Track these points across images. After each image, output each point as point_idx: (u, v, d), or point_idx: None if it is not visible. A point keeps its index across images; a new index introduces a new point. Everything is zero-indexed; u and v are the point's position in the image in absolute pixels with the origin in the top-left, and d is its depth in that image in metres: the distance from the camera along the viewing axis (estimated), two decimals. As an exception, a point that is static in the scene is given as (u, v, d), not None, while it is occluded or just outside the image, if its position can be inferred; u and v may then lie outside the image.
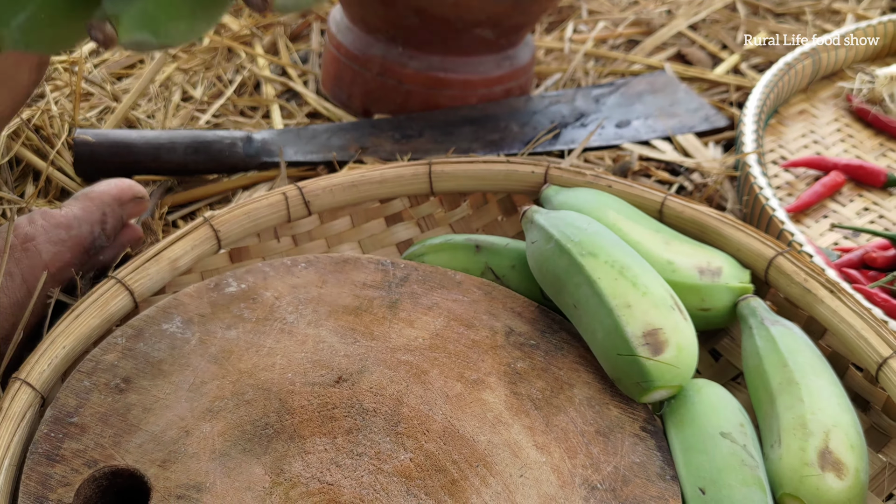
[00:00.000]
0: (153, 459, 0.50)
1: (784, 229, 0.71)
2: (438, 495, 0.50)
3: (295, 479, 0.50)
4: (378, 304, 0.62)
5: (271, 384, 0.55)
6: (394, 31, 0.89)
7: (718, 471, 0.51)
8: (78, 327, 0.58)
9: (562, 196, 0.69)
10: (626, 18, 1.18)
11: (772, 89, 0.91)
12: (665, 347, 0.54)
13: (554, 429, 0.55)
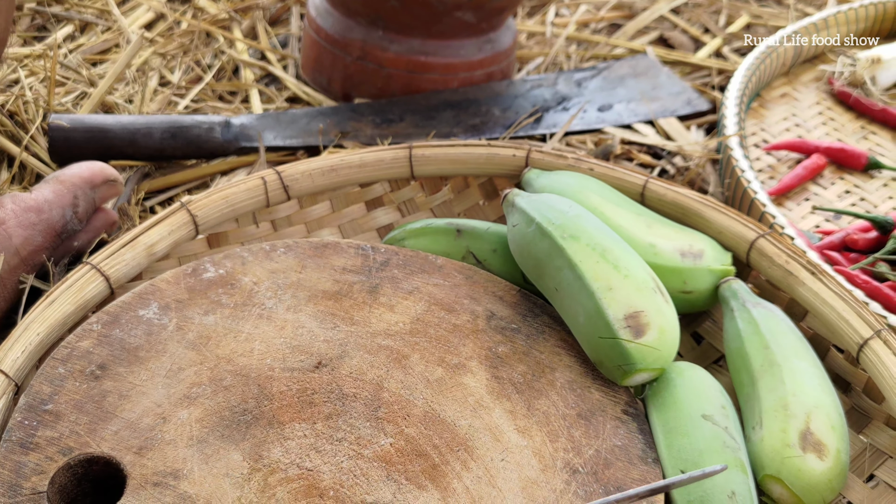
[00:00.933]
0: (129, 446, 0.50)
1: (766, 212, 0.70)
2: (419, 480, 0.50)
3: (274, 465, 0.50)
4: (358, 289, 0.61)
5: (250, 370, 0.55)
6: (374, 14, 0.88)
7: (700, 453, 0.51)
8: (52, 314, 0.57)
9: (543, 179, 0.68)
10: (607, 2, 1.17)
11: (753, 72, 0.91)
12: (647, 330, 0.54)
13: (535, 412, 0.54)
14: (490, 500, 0.49)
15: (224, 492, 0.48)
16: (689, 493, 0.50)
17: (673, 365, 0.57)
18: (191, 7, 1.10)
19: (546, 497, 0.50)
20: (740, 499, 0.50)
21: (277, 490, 0.48)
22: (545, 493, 0.50)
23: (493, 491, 0.50)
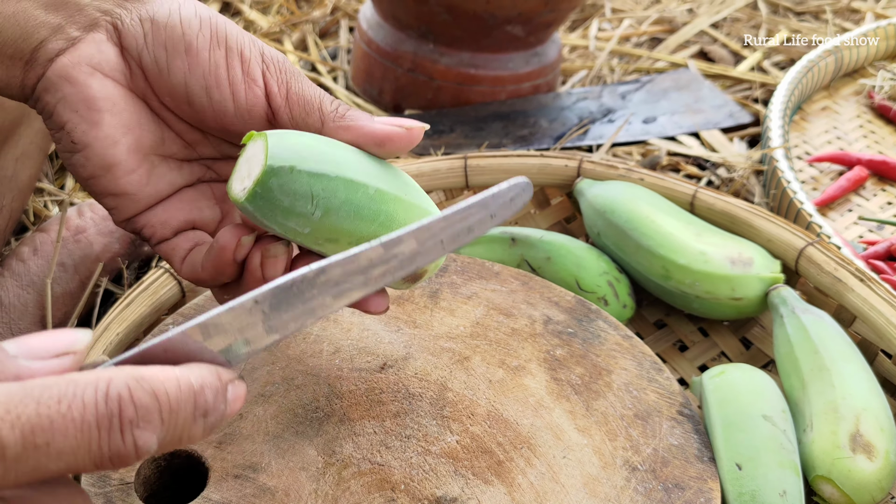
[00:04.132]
0: (209, 441, 0.52)
1: (812, 221, 0.72)
2: (485, 475, 0.52)
3: (347, 460, 0.52)
4: (419, 294, 0.64)
5: (319, 370, 0.57)
6: (425, 27, 0.91)
7: (757, 450, 0.53)
8: (130, 315, 0.60)
9: (595, 189, 0.71)
10: (648, 17, 1.20)
11: (796, 86, 0.93)
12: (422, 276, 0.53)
13: (594, 413, 0.56)
14: (554, 495, 0.51)
15: (301, 484, 0.50)
16: (742, 488, 0.52)
17: (738, 366, 0.59)
18: (242, 20, 1.14)
19: (607, 493, 0.52)
20: (791, 498, 0.52)
21: (351, 483, 0.51)
22: (606, 489, 0.52)
23: (556, 486, 0.52)
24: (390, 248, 0.42)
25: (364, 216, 0.46)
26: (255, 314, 0.38)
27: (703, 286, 0.65)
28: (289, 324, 0.39)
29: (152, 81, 0.48)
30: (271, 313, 0.39)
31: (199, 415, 0.34)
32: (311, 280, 0.40)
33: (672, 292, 0.67)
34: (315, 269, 0.40)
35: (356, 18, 1.10)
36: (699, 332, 0.70)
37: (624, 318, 0.68)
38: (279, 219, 0.45)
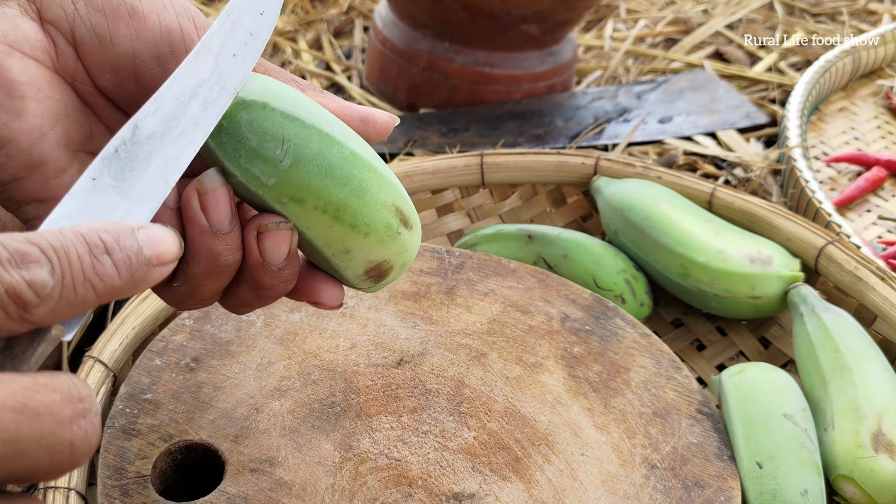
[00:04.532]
0: (226, 435, 0.52)
1: (831, 221, 0.72)
2: (503, 472, 0.52)
3: (364, 455, 0.52)
4: (435, 290, 0.63)
5: (336, 365, 0.57)
6: (441, 26, 0.91)
7: (778, 448, 0.53)
8: (146, 309, 0.60)
9: (612, 187, 0.70)
10: (664, 17, 1.19)
11: (813, 86, 0.92)
12: (389, 272, 0.46)
13: (612, 410, 0.56)
14: (572, 492, 0.51)
15: (318, 479, 0.50)
16: (762, 486, 0.52)
17: (758, 364, 0.58)
18: (257, 20, 1.13)
19: (626, 490, 0.51)
20: (812, 497, 0.52)
21: (368, 478, 0.50)
22: (625, 486, 0.52)
23: (574, 483, 0.51)
24: (180, 80, 0.39)
25: (336, 177, 0.41)
26: (104, 192, 0.35)
27: (721, 284, 0.64)
28: (151, 188, 0.36)
29: (88, 58, 0.40)
30: (119, 184, 0.36)
31: (98, 252, 0.31)
32: (131, 137, 0.37)
33: (690, 291, 0.66)
34: (127, 126, 0.37)
35: (371, 17, 1.10)
36: (717, 332, 0.69)
37: (641, 316, 0.67)
38: (243, 162, 0.39)
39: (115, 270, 0.32)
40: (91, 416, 0.30)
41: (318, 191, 0.41)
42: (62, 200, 0.35)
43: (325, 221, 0.41)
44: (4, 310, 0.29)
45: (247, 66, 0.40)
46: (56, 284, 0.30)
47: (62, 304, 0.30)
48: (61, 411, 0.29)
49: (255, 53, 0.40)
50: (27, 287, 0.29)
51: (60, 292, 0.30)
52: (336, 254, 0.43)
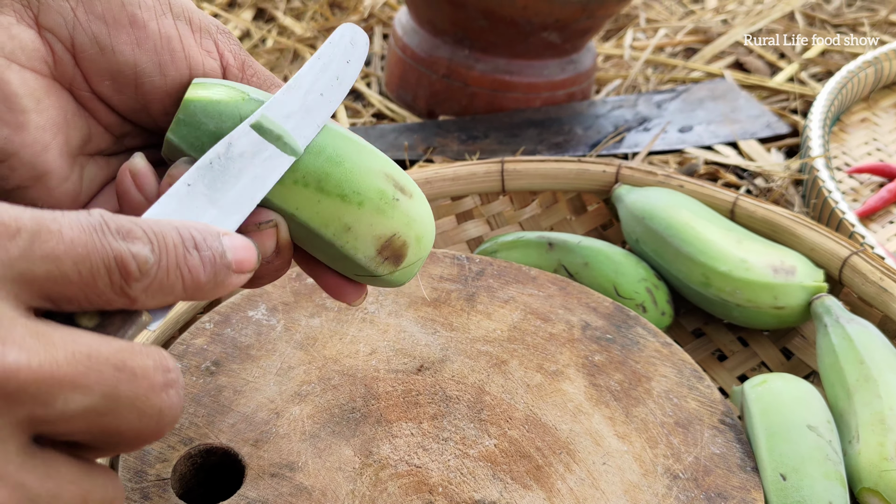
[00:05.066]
0: (246, 439, 0.52)
1: (855, 232, 0.71)
2: (524, 480, 0.51)
3: (384, 461, 0.51)
4: (456, 297, 0.63)
5: (356, 370, 0.57)
6: (461, 33, 0.90)
7: (802, 460, 0.52)
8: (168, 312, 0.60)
9: (634, 195, 0.70)
10: (683, 27, 1.19)
11: (835, 96, 0.92)
12: (405, 251, 0.43)
13: (634, 420, 0.55)
14: (594, 502, 0.50)
15: (338, 484, 0.50)
16: (786, 499, 0.51)
17: (781, 375, 0.58)
18: (276, 25, 1.14)
19: (649, 501, 0.51)
20: (836, 511, 0.51)
21: (389, 485, 0.50)
22: (647, 496, 0.51)
23: (596, 493, 0.51)
24: (271, 109, 0.40)
25: (307, 146, 0.40)
26: (196, 198, 0.37)
27: (744, 294, 0.64)
28: (239, 201, 0.38)
29: (87, 65, 0.40)
30: (211, 193, 0.38)
31: (189, 245, 0.33)
32: (225, 153, 0.39)
33: (712, 300, 0.66)
34: (222, 142, 0.39)
35: (390, 25, 1.10)
36: (738, 342, 0.69)
37: (662, 325, 0.67)
38: (206, 148, 0.39)
39: (201, 266, 0.33)
40: (178, 388, 0.31)
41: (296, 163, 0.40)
42: (160, 200, 0.36)
43: (311, 196, 0.40)
44: (110, 277, 0.30)
45: (332, 104, 0.42)
46: (154, 264, 0.31)
47: (155, 286, 0.32)
48: (154, 377, 0.30)
49: (341, 95, 0.43)
50: (132, 258, 0.31)
51: (156, 274, 0.31)
52: (337, 233, 0.41)
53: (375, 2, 1.16)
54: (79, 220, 0.30)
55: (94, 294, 0.31)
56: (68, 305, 0.31)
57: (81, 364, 0.29)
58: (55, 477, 0.30)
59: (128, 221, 0.31)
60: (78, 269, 0.30)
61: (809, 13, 1.24)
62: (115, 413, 0.30)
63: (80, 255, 0.30)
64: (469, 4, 0.86)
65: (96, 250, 0.30)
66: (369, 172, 0.41)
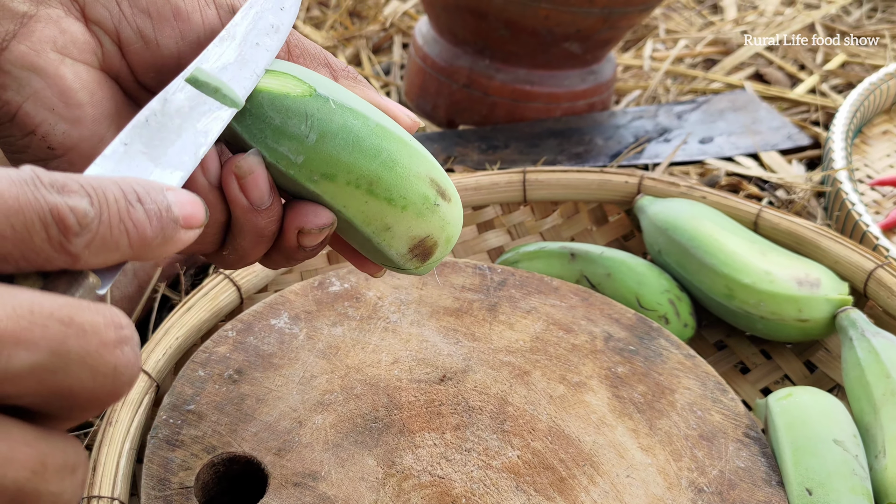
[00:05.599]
0: (269, 448, 0.52)
1: (879, 244, 0.71)
2: (547, 492, 0.51)
3: (407, 472, 0.51)
4: (478, 307, 0.63)
5: (378, 380, 0.57)
6: (482, 43, 0.90)
7: (829, 475, 0.52)
8: (189, 320, 0.60)
9: (656, 206, 0.70)
10: (703, 38, 1.19)
11: (858, 108, 0.91)
12: (434, 250, 0.45)
13: (658, 432, 0.55)
14: (618, 514, 0.50)
15: (361, 494, 0.50)
16: (813, 517, 0.51)
17: (807, 389, 0.57)
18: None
19: (673, 514, 0.50)
20: (862, 526, 0.51)
21: (412, 495, 0.50)
22: (672, 509, 0.51)
23: (620, 505, 0.51)
24: (206, 61, 0.40)
25: (364, 149, 0.41)
26: (135, 157, 0.36)
27: (768, 306, 0.63)
28: (181, 157, 0.37)
29: (133, 58, 0.41)
30: (150, 151, 0.36)
31: (132, 199, 0.31)
32: (161, 109, 0.37)
33: (735, 312, 0.65)
34: (157, 99, 0.38)
35: (410, 34, 1.10)
36: (761, 354, 0.68)
37: (685, 337, 0.66)
38: (269, 141, 0.40)
39: (147, 219, 0.31)
40: (133, 345, 0.29)
41: (347, 165, 0.41)
42: (94, 161, 0.35)
43: (360, 197, 0.41)
44: (47, 231, 0.28)
45: (270, 53, 0.41)
46: (95, 217, 0.29)
47: (98, 242, 0.30)
48: (105, 333, 0.28)
49: (278, 44, 0.41)
50: (69, 211, 0.29)
51: (98, 228, 0.30)
52: (377, 232, 0.42)
53: (395, 11, 1.17)
54: (7, 174, 0.28)
55: (30, 251, 0.29)
56: (4, 265, 0.29)
57: (24, 319, 0.27)
58: (6, 439, 0.27)
59: (62, 176, 0.29)
60: (10, 222, 0.28)
61: (830, 24, 1.24)
62: (66, 371, 0.28)
63: (11, 207, 0.28)
64: (491, 14, 0.86)
65: (29, 203, 0.28)
66: (417, 178, 0.42)
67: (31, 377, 0.27)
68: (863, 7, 1.31)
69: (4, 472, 0.27)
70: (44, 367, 0.27)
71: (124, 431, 0.53)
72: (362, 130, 0.41)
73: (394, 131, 0.42)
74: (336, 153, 0.40)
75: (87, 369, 0.28)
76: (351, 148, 0.41)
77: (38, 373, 0.27)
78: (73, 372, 0.28)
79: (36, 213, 0.28)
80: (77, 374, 0.28)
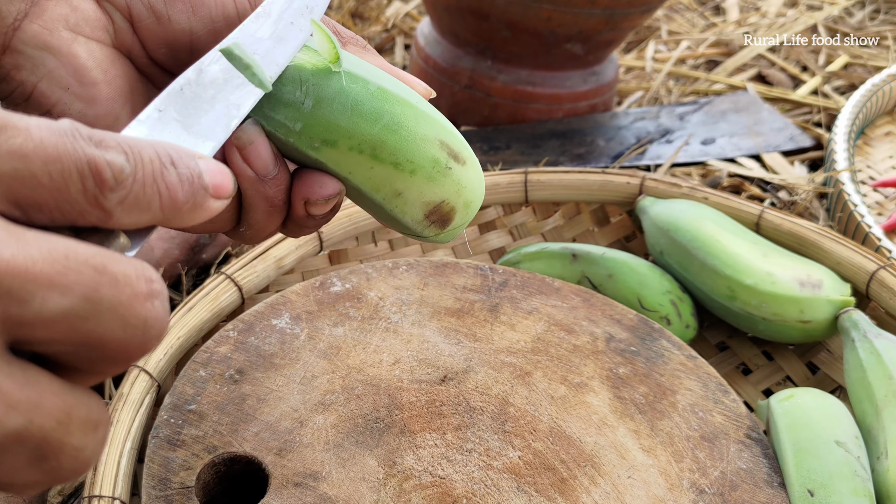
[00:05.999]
0: (269, 448, 0.52)
1: (881, 246, 0.71)
2: (549, 493, 0.51)
3: (408, 472, 0.51)
4: (479, 308, 0.63)
5: (380, 380, 0.56)
6: (484, 44, 0.90)
7: (830, 476, 0.51)
8: (191, 320, 0.60)
9: (658, 207, 0.70)
10: (705, 39, 1.19)
11: (860, 110, 0.91)
12: (453, 216, 0.43)
13: (659, 433, 0.55)
14: (620, 515, 0.50)
15: (362, 495, 0.50)
16: (815, 518, 0.51)
17: (808, 390, 0.57)
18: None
19: (674, 515, 0.50)
20: (864, 528, 0.51)
21: (413, 496, 0.50)
22: (673, 510, 0.51)
23: (621, 506, 0.50)
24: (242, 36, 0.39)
25: (364, 113, 0.39)
26: (168, 123, 0.36)
27: (770, 308, 0.63)
28: (213, 127, 0.37)
29: (144, 34, 0.41)
30: (184, 119, 0.36)
31: (166, 161, 0.31)
32: (196, 79, 0.37)
33: (737, 313, 0.65)
34: (192, 68, 0.38)
35: (412, 35, 1.10)
36: (763, 356, 0.68)
37: (686, 338, 0.66)
38: (266, 110, 0.39)
39: (179, 183, 0.31)
40: (163, 300, 0.29)
41: (347, 130, 0.39)
42: (129, 125, 0.34)
43: (364, 162, 0.40)
44: (83, 182, 0.28)
45: (303, 33, 0.40)
46: (130, 175, 0.29)
47: (131, 200, 0.30)
48: (137, 284, 0.28)
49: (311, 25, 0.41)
50: (107, 165, 0.29)
51: (132, 186, 0.29)
52: (387, 198, 0.41)
53: (397, 12, 1.17)
54: (48, 123, 0.28)
55: (65, 202, 0.28)
56: (38, 215, 0.29)
57: (59, 263, 0.27)
58: (35, 386, 0.27)
59: (101, 132, 0.29)
60: (48, 170, 0.28)
61: (832, 26, 1.24)
62: (97, 319, 0.27)
63: (51, 155, 0.28)
64: (492, 15, 0.86)
65: (68, 153, 0.28)
66: (424, 140, 0.41)
67: (63, 322, 0.27)
68: (865, 8, 1.30)
69: (31, 419, 0.27)
70: (76, 313, 0.27)
71: (125, 431, 0.53)
72: (361, 94, 0.39)
73: (397, 94, 0.41)
74: (334, 118, 0.39)
75: (118, 319, 0.28)
76: (350, 112, 0.39)
77: (70, 319, 0.27)
78: (104, 321, 0.27)
79: (74, 164, 0.28)
80: (108, 324, 0.28)
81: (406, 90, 0.42)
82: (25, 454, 0.27)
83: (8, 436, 0.26)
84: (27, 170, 0.27)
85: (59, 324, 0.27)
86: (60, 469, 0.28)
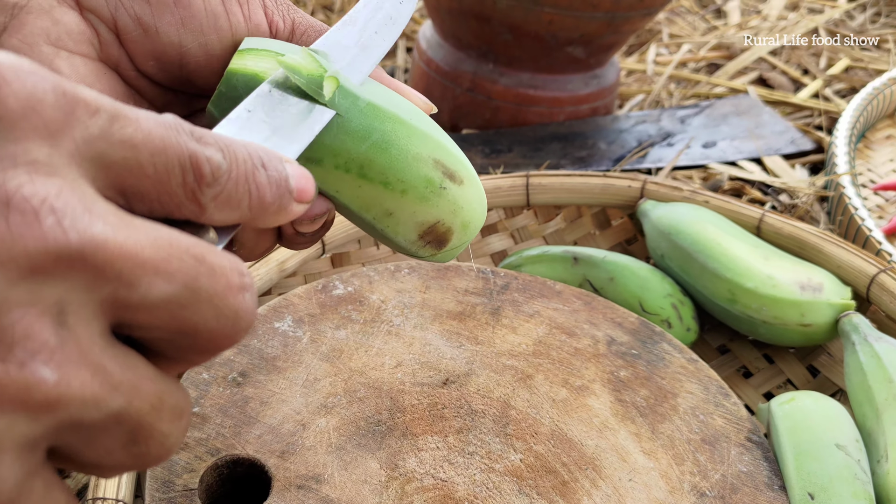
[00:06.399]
0: (272, 450, 0.52)
1: (882, 249, 0.71)
2: (550, 496, 0.51)
3: (410, 475, 0.51)
4: (481, 311, 0.63)
5: (382, 383, 0.57)
6: (486, 47, 0.91)
7: (831, 479, 0.52)
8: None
9: (659, 210, 0.70)
10: (706, 42, 1.19)
11: (861, 113, 0.91)
12: (449, 237, 0.42)
13: (660, 436, 0.55)
14: (621, 518, 0.50)
15: (364, 497, 0.50)
16: (816, 521, 0.51)
17: (809, 393, 0.57)
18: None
19: (675, 518, 0.51)
20: (864, 531, 0.51)
21: (414, 498, 0.50)
22: (674, 513, 0.51)
23: (622, 509, 0.51)
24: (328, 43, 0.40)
25: (351, 131, 0.38)
26: (257, 124, 0.36)
27: (770, 311, 0.63)
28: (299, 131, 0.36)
29: (131, 46, 0.39)
30: (271, 120, 0.36)
31: (256, 162, 0.31)
32: (283, 82, 0.37)
33: (738, 317, 0.65)
34: (280, 72, 0.37)
35: (414, 38, 1.10)
36: (764, 359, 0.68)
37: (687, 341, 0.66)
38: None
39: (268, 184, 0.32)
40: (253, 293, 0.30)
41: (333, 148, 0.38)
42: (219, 123, 0.35)
43: (351, 181, 0.39)
44: (184, 176, 0.29)
45: (386, 43, 0.41)
46: (226, 172, 0.30)
47: (224, 197, 0.30)
48: (231, 276, 0.29)
49: (395, 34, 0.42)
50: (206, 161, 0.29)
51: (226, 183, 0.30)
52: (378, 218, 0.40)
53: (399, 15, 1.17)
54: (154, 116, 0.29)
55: (165, 193, 0.29)
56: (139, 205, 0.29)
57: (164, 250, 0.27)
58: (134, 369, 0.28)
59: (200, 129, 0.30)
60: (153, 161, 0.28)
61: (833, 29, 1.24)
62: (195, 308, 0.28)
63: (157, 147, 0.28)
64: (494, 19, 0.86)
65: (172, 146, 0.29)
66: (417, 159, 0.39)
67: (165, 309, 0.27)
68: (866, 11, 1.31)
69: (130, 401, 0.27)
70: (177, 300, 0.27)
71: (128, 434, 0.53)
72: (350, 111, 0.38)
73: (389, 110, 0.39)
74: (318, 136, 0.38)
75: (212, 309, 0.28)
76: (335, 130, 0.38)
77: (170, 306, 0.27)
78: (200, 310, 0.28)
79: (177, 157, 0.29)
80: (203, 313, 0.28)
81: (402, 105, 0.41)
82: (121, 436, 0.28)
83: (110, 416, 0.27)
84: (135, 159, 0.28)
85: (160, 310, 0.27)
86: (148, 454, 0.29)
